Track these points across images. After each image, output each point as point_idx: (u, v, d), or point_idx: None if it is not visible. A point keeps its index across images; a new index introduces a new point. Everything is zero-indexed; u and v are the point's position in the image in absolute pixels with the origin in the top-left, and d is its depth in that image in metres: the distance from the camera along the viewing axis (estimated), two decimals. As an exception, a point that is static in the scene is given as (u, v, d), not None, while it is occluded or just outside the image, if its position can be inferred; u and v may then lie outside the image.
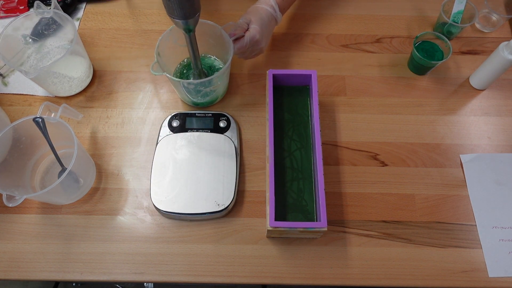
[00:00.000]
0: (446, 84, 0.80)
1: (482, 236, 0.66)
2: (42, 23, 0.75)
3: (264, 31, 0.71)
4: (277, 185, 0.65)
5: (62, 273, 0.63)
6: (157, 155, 0.69)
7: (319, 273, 0.63)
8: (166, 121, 0.73)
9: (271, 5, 0.72)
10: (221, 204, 0.65)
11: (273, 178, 0.61)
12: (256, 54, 0.75)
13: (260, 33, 0.69)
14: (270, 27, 0.74)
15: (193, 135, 0.71)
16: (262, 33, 0.70)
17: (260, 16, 0.70)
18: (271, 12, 0.72)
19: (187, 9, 0.55)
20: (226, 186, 0.66)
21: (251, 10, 0.72)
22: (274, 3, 0.72)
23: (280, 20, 0.75)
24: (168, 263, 0.64)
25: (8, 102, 0.78)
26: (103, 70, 0.81)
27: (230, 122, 0.73)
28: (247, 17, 0.70)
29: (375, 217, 0.68)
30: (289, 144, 0.70)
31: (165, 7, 0.55)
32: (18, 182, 0.66)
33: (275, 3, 0.73)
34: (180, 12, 0.55)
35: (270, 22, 0.73)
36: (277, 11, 0.73)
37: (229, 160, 0.69)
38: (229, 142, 0.70)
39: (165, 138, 0.71)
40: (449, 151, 0.73)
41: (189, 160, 0.69)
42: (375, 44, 0.85)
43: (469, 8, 0.79)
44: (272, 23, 0.74)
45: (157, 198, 0.66)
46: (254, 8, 0.72)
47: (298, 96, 0.74)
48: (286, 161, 0.68)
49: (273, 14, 0.73)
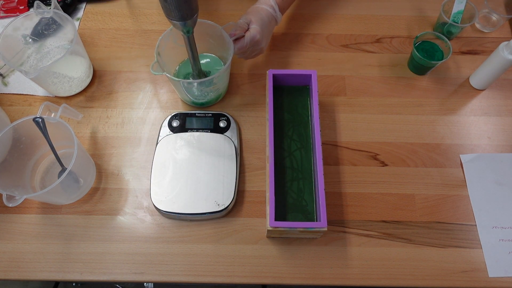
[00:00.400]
0: (446, 84, 0.80)
1: (482, 236, 0.66)
2: (42, 23, 0.75)
3: (265, 31, 0.71)
4: (277, 185, 0.65)
5: (62, 273, 0.63)
6: (157, 155, 0.69)
7: (319, 273, 0.63)
8: (166, 121, 0.73)
9: (271, 5, 0.72)
10: (221, 204, 0.65)
11: (273, 178, 0.61)
12: (256, 54, 0.75)
13: (260, 33, 0.70)
14: (270, 27, 0.74)
15: (193, 135, 0.71)
16: (263, 33, 0.70)
17: (260, 16, 0.70)
18: (271, 12, 0.72)
19: (185, 11, 0.55)
20: (226, 186, 0.66)
21: (251, 10, 0.72)
22: (274, 3, 0.73)
23: (280, 20, 0.75)
24: (168, 263, 0.64)
25: (8, 102, 0.78)
26: (103, 70, 0.81)
27: (230, 122, 0.72)
28: (247, 17, 0.71)
29: (375, 217, 0.68)
30: (289, 144, 0.70)
31: (163, 8, 0.55)
32: (18, 182, 0.66)
33: (275, 3, 0.73)
34: (178, 14, 0.55)
35: (270, 22, 0.73)
36: (277, 11, 0.73)
37: (229, 160, 0.69)
38: (229, 142, 0.70)
39: (165, 138, 0.71)
40: (449, 151, 0.73)
41: (189, 160, 0.69)
42: (375, 44, 0.85)
43: (469, 8, 0.79)
44: (272, 23, 0.74)
45: (157, 198, 0.66)
46: (254, 8, 0.72)
47: (298, 96, 0.74)
48: (286, 161, 0.68)
49: (273, 14, 0.73)
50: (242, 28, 0.69)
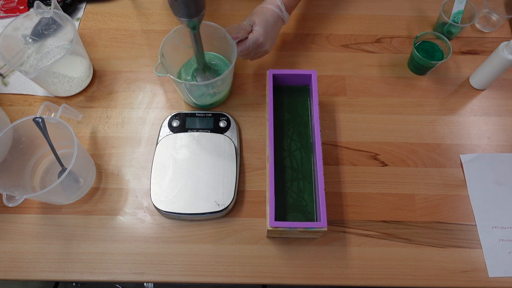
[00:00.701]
0: (446, 84, 0.80)
1: (482, 236, 0.66)
2: (42, 23, 0.75)
3: (269, 33, 0.70)
4: (277, 185, 0.65)
5: (62, 273, 0.63)
6: (157, 155, 0.69)
7: (319, 273, 0.63)
8: (166, 121, 0.73)
9: (277, 5, 0.71)
10: (221, 204, 0.65)
11: (273, 178, 0.61)
12: (261, 55, 0.74)
13: (263, 35, 0.69)
14: (276, 27, 0.73)
15: (193, 135, 0.71)
16: (266, 35, 0.69)
17: (264, 17, 0.69)
18: (277, 12, 0.71)
19: (193, 8, 0.56)
20: (226, 186, 0.66)
21: (256, 10, 0.71)
22: (280, 3, 0.71)
23: (287, 19, 0.74)
24: (168, 263, 0.64)
25: (8, 102, 0.78)
26: (103, 70, 0.81)
27: (230, 122, 0.72)
28: (251, 18, 0.69)
29: (375, 217, 0.68)
30: (289, 144, 0.70)
31: (171, 6, 0.57)
32: (18, 182, 0.66)
33: (281, 3, 0.71)
34: (186, 11, 0.56)
35: (276, 22, 0.71)
36: (283, 11, 0.72)
37: (229, 160, 0.69)
38: (229, 142, 0.70)
39: (165, 138, 0.71)
40: (449, 151, 0.73)
41: (189, 160, 0.69)
42: (375, 44, 0.85)
43: (469, 8, 0.79)
44: (279, 23, 0.73)
45: (157, 198, 0.66)
46: (260, 9, 0.71)
47: (298, 96, 0.74)
48: (286, 161, 0.68)
49: (279, 14, 0.72)
50: (246, 30, 0.68)
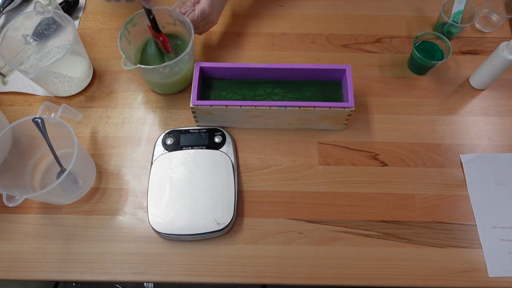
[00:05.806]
0: (446, 84, 0.80)
1: (482, 236, 0.66)
2: (43, 23, 0.75)
3: (215, 3, 0.72)
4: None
5: (62, 273, 0.64)
6: (152, 175, 0.67)
7: (319, 273, 0.63)
8: (160, 139, 0.71)
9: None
10: (221, 223, 0.64)
11: None
12: (208, 27, 0.75)
13: (210, 5, 0.70)
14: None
15: (188, 153, 0.69)
16: (213, 5, 0.71)
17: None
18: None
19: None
20: (225, 204, 0.65)
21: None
22: None
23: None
24: (168, 263, 0.64)
25: (8, 102, 0.78)
26: (103, 70, 0.81)
27: (225, 137, 0.71)
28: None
29: (375, 217, 0.68)
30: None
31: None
32: (18, 182, 0.66)
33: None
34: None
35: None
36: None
37: (227, 177, 0.67)
38: (226, 158, 0.69)
39: (160, 157, 0.69)
40: (449, 151, 0.73)
41: (186, 179, 0.67)
42: (375, 44, 0.84)
43: (469, 8, 0.79)
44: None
45: (155, 220, 0.64)
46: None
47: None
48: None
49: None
50: (192, 3, 0.71)
